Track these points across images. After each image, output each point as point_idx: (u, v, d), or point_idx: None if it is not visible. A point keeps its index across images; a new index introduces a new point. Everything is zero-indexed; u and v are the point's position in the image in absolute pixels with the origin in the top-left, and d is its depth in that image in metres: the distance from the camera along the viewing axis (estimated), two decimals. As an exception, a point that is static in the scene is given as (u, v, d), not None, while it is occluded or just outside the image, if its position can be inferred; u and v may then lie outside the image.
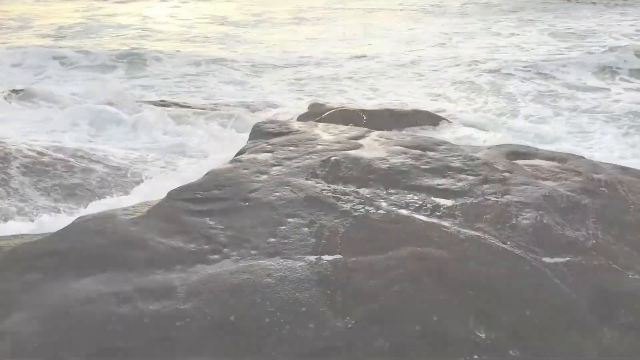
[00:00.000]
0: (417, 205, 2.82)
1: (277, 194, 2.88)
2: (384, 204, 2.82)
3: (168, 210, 2.74)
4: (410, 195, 2.92)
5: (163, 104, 9.27)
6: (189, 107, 9.24)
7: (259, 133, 3.95)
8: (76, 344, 1.95)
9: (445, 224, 2.65)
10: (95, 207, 3.70)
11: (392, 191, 2.96)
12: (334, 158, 3.28)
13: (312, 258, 2.38)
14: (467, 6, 22.66)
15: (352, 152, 3.39)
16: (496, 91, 10.48)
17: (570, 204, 2.84)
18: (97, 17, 19.51)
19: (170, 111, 8.57)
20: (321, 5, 23.07)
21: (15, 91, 9.09)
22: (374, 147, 3.53)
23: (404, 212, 2.75)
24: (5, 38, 15.82)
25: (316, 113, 8.58)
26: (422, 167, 3.21)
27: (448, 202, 2.85)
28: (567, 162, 3.37)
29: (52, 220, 3.69)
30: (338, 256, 2.41)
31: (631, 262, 2.45)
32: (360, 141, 3.63)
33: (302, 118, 8.53)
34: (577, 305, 2.21)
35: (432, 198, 2.89)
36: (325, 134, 3.77)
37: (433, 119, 8.16)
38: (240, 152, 3.60)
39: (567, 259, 2.43)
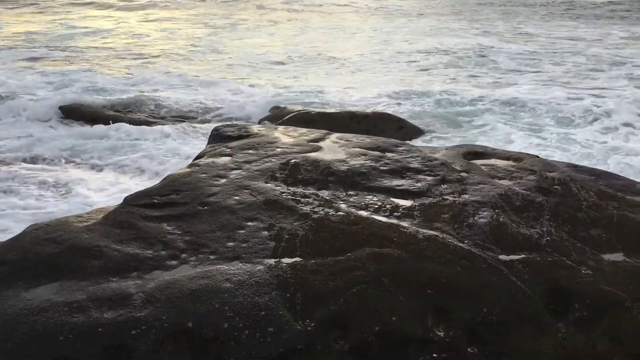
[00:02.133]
0: (376, 206, 2.83)
1: (236, 197, 2.85)
2: (343, 206, 2.82)
3: (124, 216, 2.68)
4: (370, 197, 2.93)
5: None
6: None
7: (218, 137, 3.91)
8: (28, 355, 1.90)
9: (404, 224, 2.66)
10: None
11: (351, 193, 2.97)
12: (293, 161, 3.27)
13: (272, 261, 2.36)
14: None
15: (312, 155, 3.39)
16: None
17: (525, 202, 2.90)
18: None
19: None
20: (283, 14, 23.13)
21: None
22: (334, 149, 3.53)
23: (363, 213, 2.76)
24: None
25: (277, 116, 8.56)
26: (382, 168, 3.22)
27: (407, 203, 2.87)
28: (522, 161, 3.43)
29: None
30: (297, 259, 2.39)
31: (584, 258, 2.51)
32: (320, 143, 3.63)
33: (263, 121, 8.51)
34: (532, 301, 2.25)
35: (391, 199, 2.91)
36: (285, 136, 3.76)
37: (393, 121, 8.23)
38: (199, 156, 3.55)
39: (523, 256, 2.47)
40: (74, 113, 9.01)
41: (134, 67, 12.88)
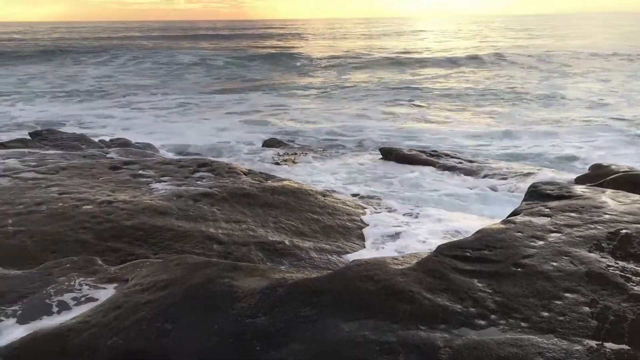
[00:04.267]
0: None
1: (554, 263, 2.65)
2: (688, 294, 2.38)
3: (436, 265, 2.72)
4: None
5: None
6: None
7: (535, 194, 3.74)
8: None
9: None
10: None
11: (699, 279, 2.50)
12: (624, 231, 2.91)
13: (593, 343, 2.11)
14: None
15: (648, 227, 2.97)
16: None
17: None
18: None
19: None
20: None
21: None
22: (677, 223, 3.04)
23: None
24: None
25: (597, 175, 7.81)
26: None
27: None
28: None
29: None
30: (625, 346, 2.09)
31: None
32: (659, 215, 3.16)
33: (580, 180, 7.86)
34: None
35: None
36: (614, 202, 3.38)
37: None
38: (514, 213, 3.43)
39: None
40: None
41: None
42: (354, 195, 7.20)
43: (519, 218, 3.24)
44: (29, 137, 9.00)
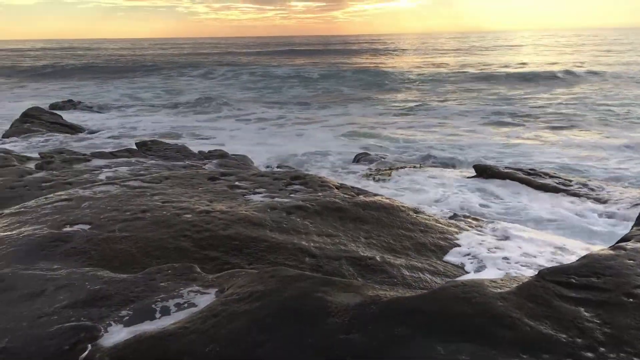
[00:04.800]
0: None
1: (672, 296, 2.45)
2: None
3: (538, 290, 2.58)
4: None
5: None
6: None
7: (648, 219, 3.48)
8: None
9: None
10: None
11: None
12: None
13: None
14: None
15: None
16: None
17: None
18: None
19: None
20: None
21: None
22: None
23: None
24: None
25: None
26: None
27: None
28: None
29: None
30: None
31: None
32: None
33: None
34: None
35: None
36: None
37: None
38: (624, 239, 3.21)
39: None
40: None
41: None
42: (448, 214, 7.05)
43: (630, 244, 3.03)
44: (135, 147, 9.54)
